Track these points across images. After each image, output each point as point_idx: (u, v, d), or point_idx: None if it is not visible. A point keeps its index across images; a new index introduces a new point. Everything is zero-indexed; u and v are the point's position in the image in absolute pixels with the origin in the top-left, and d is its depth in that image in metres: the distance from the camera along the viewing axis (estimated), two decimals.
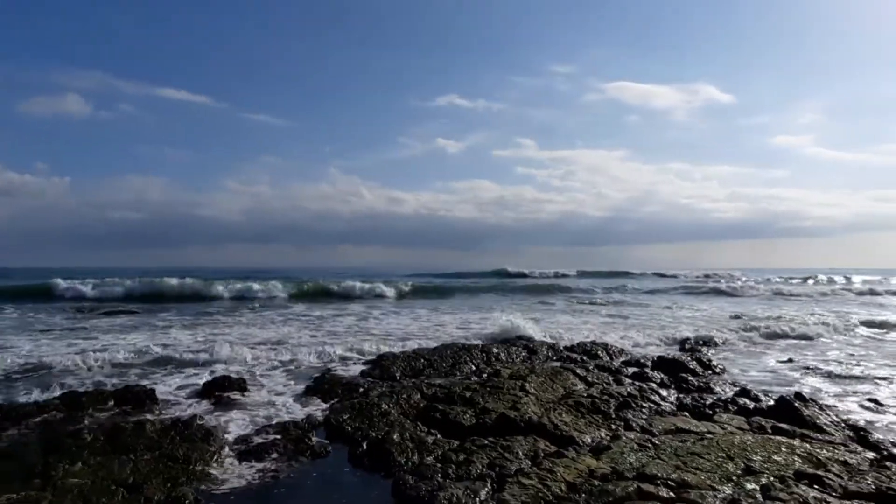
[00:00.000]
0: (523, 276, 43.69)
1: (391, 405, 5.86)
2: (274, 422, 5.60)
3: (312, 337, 11.50)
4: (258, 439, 5.02)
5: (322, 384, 7.08)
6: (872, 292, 28.75)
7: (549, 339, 10.81)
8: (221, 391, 6.68)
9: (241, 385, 6.87)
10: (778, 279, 42.82)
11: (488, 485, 3.85)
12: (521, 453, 4.42)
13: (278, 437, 5.05)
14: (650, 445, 4.36)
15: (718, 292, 29.12)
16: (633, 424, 5.11)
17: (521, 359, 9.26)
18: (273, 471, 4.42)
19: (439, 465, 4.22)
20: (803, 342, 11.61)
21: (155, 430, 4.90)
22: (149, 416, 5.67)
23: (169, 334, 11.59)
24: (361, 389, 6.85)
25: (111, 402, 6.17)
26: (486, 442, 4.65)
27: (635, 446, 4.33)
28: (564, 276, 46.35)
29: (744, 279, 42.05)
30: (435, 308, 18.44)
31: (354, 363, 8.88)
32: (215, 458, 4.61)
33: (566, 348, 9.94)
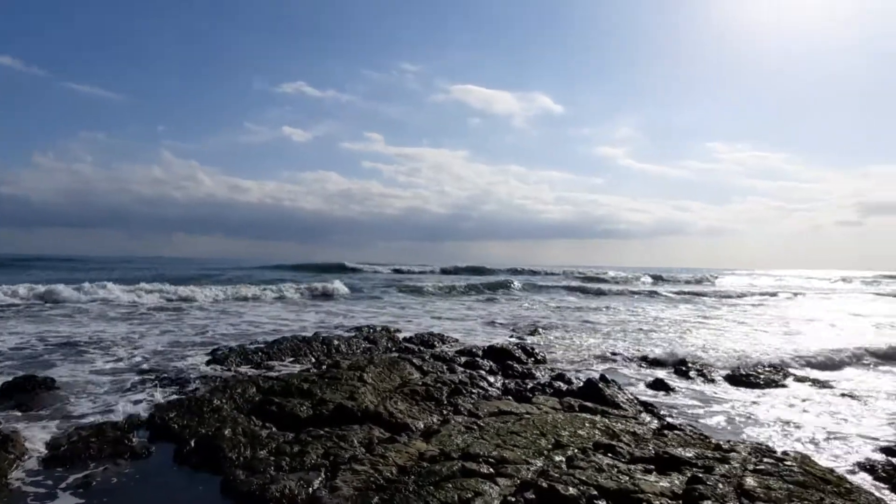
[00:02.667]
0: (359, 270, 43.31)
1: (224, 400, 5.66)
2: (87, 422, 5.14)
3: (134, 332, 10.61)
4: (68, 444, 4.58)
5: (147, 380, 6.61)
6: (696, 290, 33.09)
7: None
8: (24, 392, 5.95)
9: (48, 384, 6.18)
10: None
11: (322, 474, 3.94)
12: (356, 441, 4.55)
13: (93, 439, 4.65)
14: (476, 427, 4.74)
15: (570, 289, 31.17)
16: (462, 409, 5.50)
17: (362, 350, 9.39)
18: (85, 477, 4.08)
19: (273, 458, 4.21)
20: (617, 328, 13.15)
21: None
22: None
23: None
24: (192, 385, 6.52)
25: None
26: (322, 432, 4.72)
27: (462, 429, 4.68)
28: (411, 272, 46.65)
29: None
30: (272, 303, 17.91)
31: (186, 358, 8.39)
32: (15, 467, 4.14)
33: (405, 339, 10.26)
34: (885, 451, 4.79)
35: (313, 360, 8.54)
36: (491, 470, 3.85)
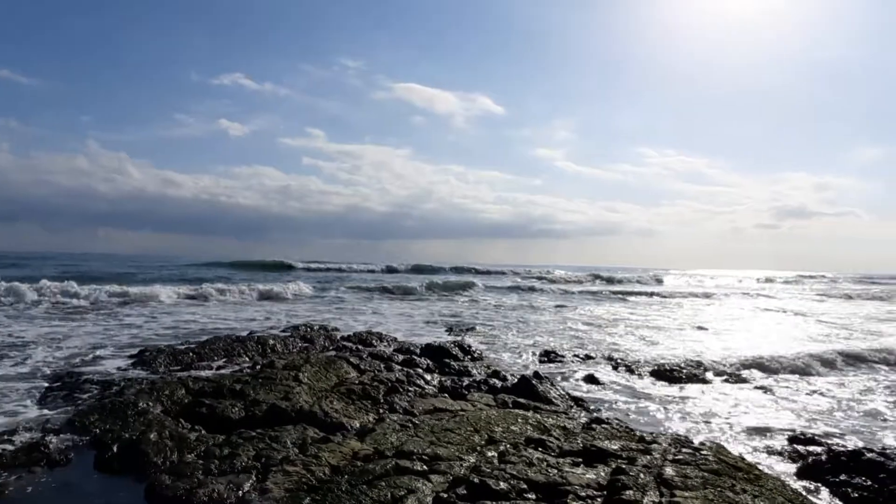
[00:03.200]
0: (299, 268, 42.31)
1: (150, 403, 5.46)
2: None
3: (56, 333, 10.06)
4: None
5: (67, 384, 6.29)
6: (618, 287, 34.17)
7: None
8: None
9: None
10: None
11: (253, 476, 3.87)
12: (289, 442, 4.49)
13: (6, 447, 4.39)
14: (410, 425, 4.77)
15: (513, 288, 31.47)
16: (398, 407, 5.52)
17: (299, 349, 9.25)
18: None
19: (201, 461, 4.11)
20: (554, 326, 13.48)
21: None
22: None
23: None
24: (116, 388, 6.25)
25: None
26: (255, 434, 4.63)
27: (397, 427, 4.71)
28: (353, 269, 45.75)
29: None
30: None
31: (111, 359, 8.03)
32: None
33: (343, 338, 10.18)
34: (792, 440, 5.15)
35: (247, 360, 8.36)
36: (424, 467, 3.89)
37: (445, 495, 3.58)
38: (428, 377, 7.12)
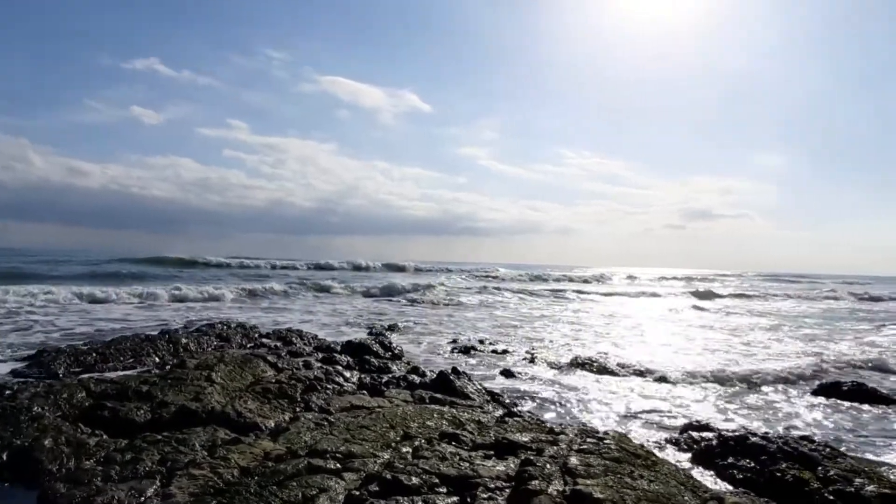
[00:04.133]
0: (218, 265, 40.42)
1: (46, 407, 5.13)
2: None
3: None
4: None
5: None
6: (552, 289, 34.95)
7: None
8: None
9: None
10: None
11: (157, 481, 3.73)
12: (197, 445, 4.36)
13: None
14: (326, 423, 4.74)
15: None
16: (313, 405, 5.47)
17: (213, 348, 8.95)
18: None
19: (101, 467, 3.91)
20: (479, 323, 13.70)
21: None
22: None
23: None
24: (9, 391, 5.81)
25: None
26: (160, 437, 4.46)
27: (312, 425, 4.67)
28: (275, 266, 44.15)
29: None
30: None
31: (4, 362, 7.47)
32: None
33: (262, 336, 9.95)
34: (688, 427, 5.51)
35: (157, 360, 8.00)
36: (338, 465, 3.89)
37: (358, 493, 3.60)
38: (347, 374, 7.08)
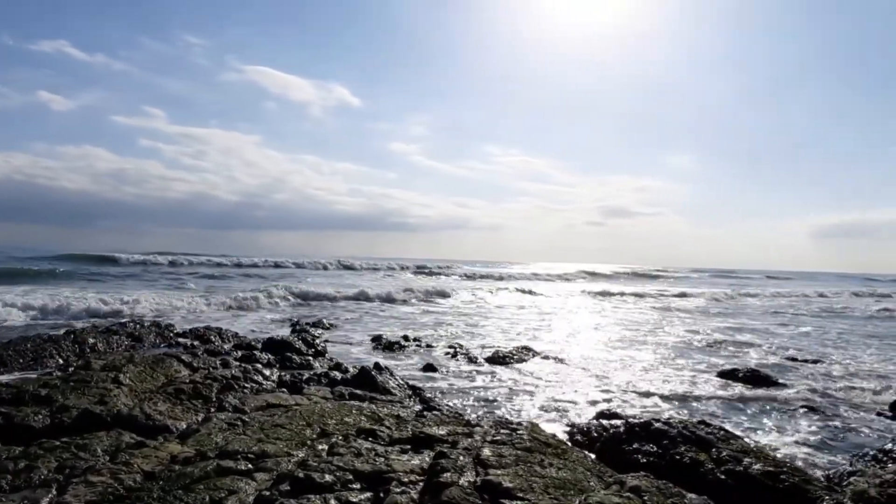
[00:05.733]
0: (134, 261, 38.02)
1: None
2: None
3: None
4: None
5: None
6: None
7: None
8: None
9: None
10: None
11: (53, 490, 3.54)
12: (99, 450, 4.16)
13: None
14: (239, 423, 4.64)
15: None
16: (227, 405, 5.33)
17: (124, 348, 8.53)
18: None
19: None
20: (406, 320, 13.71)
21: None
22: None
23: None
24: None
25: None
26: (59, 443, 4.21)
27: (224, 426, 4.55)
28: (196, 263, 41.71)
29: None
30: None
31: None
32: None
33: (177, 334, 9.56)
34: (599, 415, 5.78)
35: (60, 361, 7.54)
36: (249, 466, 3.82)
37: (269, 493, 3.55)
38: (267, 372, 6.93)
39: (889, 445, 4.73)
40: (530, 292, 29.30)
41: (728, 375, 7.95)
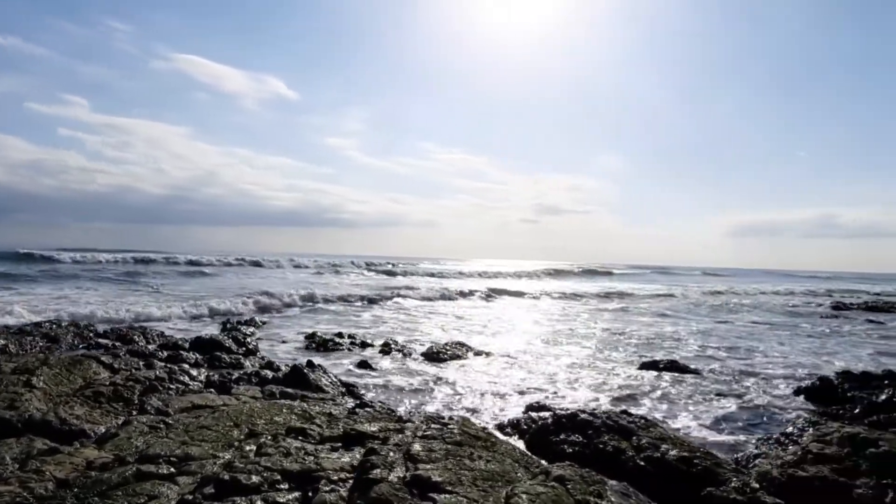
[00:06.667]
0: (59, 260, 35.49)
1: None
2: None
3: None
4: None
5: None
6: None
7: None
8: None
9: None
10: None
11: None
12: (8, 458, 3.93)
13: None
14: (162, 426, 4.49)
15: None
16: (149, 407, 5.14)
17: (39, 349, 8.05)
18: None
19: None
20: (340, 317, 13.56)
21: None
22: None
23: None
24: None
25: None
26: None
27: (146, 429, 4.39)
28: (119, 261, 39.27)
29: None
30: None
31: None
32: None
33: (99, 335, 9.11)
34: (528, 408, 5.93)
35: None
36: (172, 470, 3.71)
37: (192, 497, 3.46)
38: (194, 372, 6.72)
39: (790, 429, 5.09)
40: (469, 293, 29.63)
41: (651, 366, 8.33)
